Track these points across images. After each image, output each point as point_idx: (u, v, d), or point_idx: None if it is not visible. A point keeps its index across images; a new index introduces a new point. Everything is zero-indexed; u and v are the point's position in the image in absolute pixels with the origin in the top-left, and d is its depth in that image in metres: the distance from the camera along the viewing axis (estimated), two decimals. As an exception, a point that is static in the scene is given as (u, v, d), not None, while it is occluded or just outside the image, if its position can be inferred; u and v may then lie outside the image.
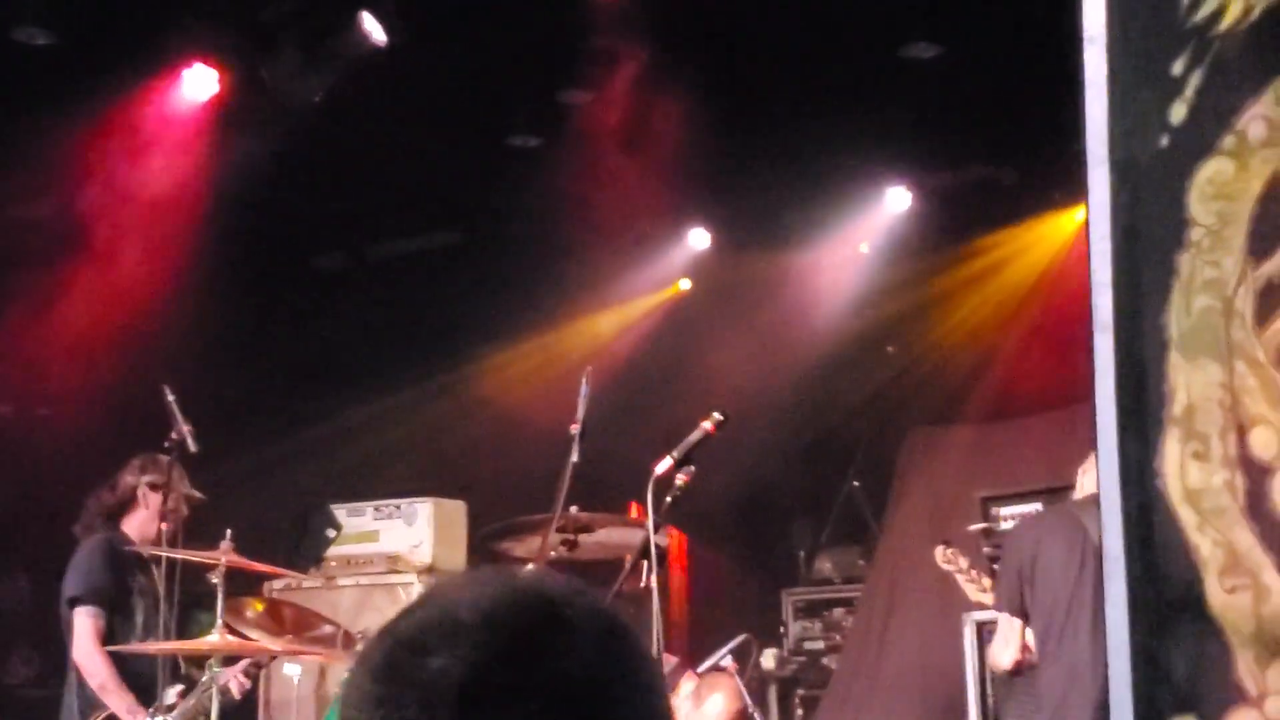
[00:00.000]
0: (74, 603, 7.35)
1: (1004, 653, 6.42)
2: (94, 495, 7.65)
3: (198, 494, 7.71)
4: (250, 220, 10.38)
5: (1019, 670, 6.46)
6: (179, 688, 7.06)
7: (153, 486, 7.56)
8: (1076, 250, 10.85)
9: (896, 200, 11.74)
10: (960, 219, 11.45)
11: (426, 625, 1.69)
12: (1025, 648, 6.33)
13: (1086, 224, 2.88)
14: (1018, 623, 6.29)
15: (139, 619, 7.42)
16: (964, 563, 6.92)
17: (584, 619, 1.71)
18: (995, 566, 6.91)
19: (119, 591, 7.39)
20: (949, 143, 10.60)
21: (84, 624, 7.28)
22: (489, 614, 1.67)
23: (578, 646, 1.68)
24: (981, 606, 7.15)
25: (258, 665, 7.20)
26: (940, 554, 7.02)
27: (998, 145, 10.48)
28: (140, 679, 7.19)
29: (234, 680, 7.09)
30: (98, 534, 7.51)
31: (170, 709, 6.94)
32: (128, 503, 7.62)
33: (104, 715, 7.19)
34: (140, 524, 7.59)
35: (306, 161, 10.09)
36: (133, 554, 7.45)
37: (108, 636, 7.26)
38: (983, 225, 11.48)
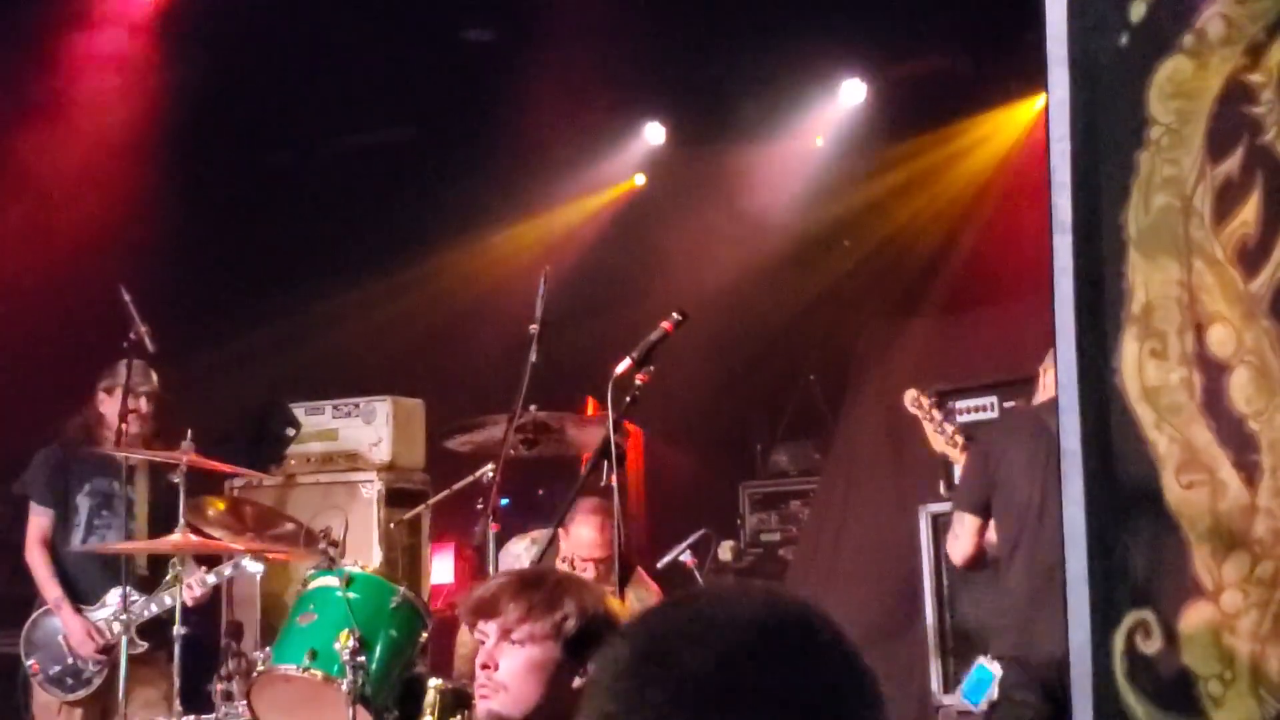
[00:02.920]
0: (23, 500, 7.81)
1: (956, 547, 6.47)
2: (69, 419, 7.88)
3: (157, 389, 7.76)
4: (202, 117, 10.26)
5: (974, 565, 6.51)
6: (118, 590, 7.28)
7: (107, 390, 7.72)
8: (1034, 141, 10.82)
9: (852, 92, 11.69)
10: (917, 110, 11.39)
11: (680, 621, 1.76)
12: (979, 543, 6.37)
13: (1046, 122, 2.88)
14: (971, 520, 6.34)
15: (80, 520, 7.69)
16: (937, 414, 6.83)
17: (835, 640, 1.78)
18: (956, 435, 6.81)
19: (64, 495, 7.69)
20: (905, 33, 10.54)
21: (30, 522, 7.70)
22: (749, 619, 1.75)
23: (826, 661, 1.76)
24: (944, 457, 7.11)
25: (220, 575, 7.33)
26: (910, 397, 6.87)
27: (954, 35, 10.42)
28: (81, 579, 7.60)
29: (192, 585, 7.15)
30: (53, 442, 7.81)
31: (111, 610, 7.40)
32: (94, 414, 7.79)
33: (44, 607, 7.55)
34: (105, 430, 7.71)
35: (258, 57, 9.98)
36: (94, 458, 7.65)
37: (50, 537, 7.65)
38: (940, 116, 11.43)
